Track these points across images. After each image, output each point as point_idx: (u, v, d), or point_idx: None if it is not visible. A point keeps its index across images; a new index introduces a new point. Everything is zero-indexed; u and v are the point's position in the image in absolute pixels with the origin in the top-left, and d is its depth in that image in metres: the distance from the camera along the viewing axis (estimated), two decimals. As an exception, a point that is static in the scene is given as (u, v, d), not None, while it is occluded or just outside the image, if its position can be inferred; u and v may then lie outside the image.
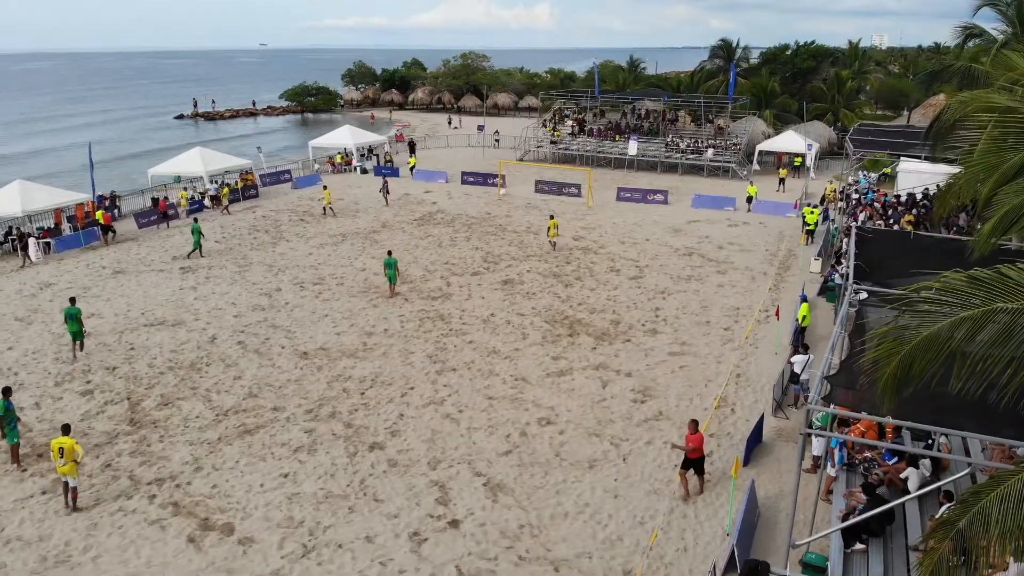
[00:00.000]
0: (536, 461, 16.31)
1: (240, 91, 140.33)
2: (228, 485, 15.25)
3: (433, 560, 13.16)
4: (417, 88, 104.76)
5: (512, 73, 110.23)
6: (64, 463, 14.01)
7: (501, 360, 21.55)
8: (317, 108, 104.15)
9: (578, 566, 13.10)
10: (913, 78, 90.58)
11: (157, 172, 41.69)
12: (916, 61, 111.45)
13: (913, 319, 7.94)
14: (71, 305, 21.31)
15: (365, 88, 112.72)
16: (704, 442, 15.29)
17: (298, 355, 21.63)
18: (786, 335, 23.01)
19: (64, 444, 14.01)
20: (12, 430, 15.68)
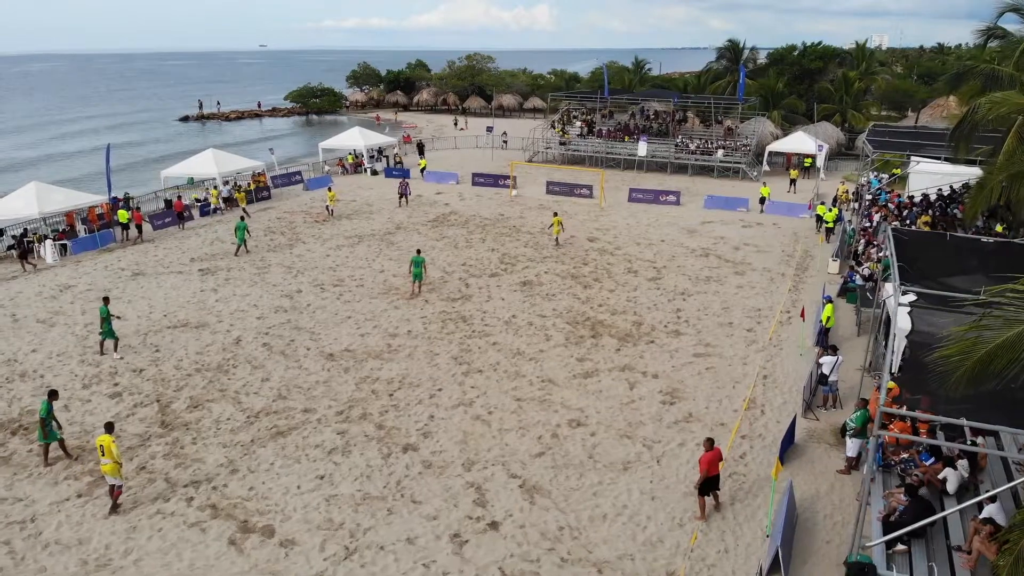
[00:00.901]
0: (570, 463, 16.30)
1: (243, 92, 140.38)
2: (265, 487, 15.25)
3: (476, 562, 13.16)
4: (422, 89, 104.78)
5: (516, 74, 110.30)
6: (107, 461, 14.01)
7: (526, 362, 21.54)
8: (322, 110, 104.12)
9: (621, 568, 13.10)
10: (917, 78, 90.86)
11: (170, 174, 41.69)
12: (919, 62, 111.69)
13: (994, 321, 7.95)
14: (104, 304, 21.34)
15: (369, 89, 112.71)
16: (720, 460, 14.47)
17: (324, 357, 21.63)
18: (810, 336, 23.04)
19: (103, 442, 14.05)
20: (50, 432, 15.72)
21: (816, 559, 13.54)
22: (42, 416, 15.67)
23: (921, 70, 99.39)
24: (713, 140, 54.63)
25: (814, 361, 20.61)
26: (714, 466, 14.15)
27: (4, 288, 27.50)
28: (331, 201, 38.34)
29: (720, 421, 18.18)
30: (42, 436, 15.78)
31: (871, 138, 33.91)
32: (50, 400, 15.94)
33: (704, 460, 14.02)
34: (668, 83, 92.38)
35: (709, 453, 14.08)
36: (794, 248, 33.86)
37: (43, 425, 15.69)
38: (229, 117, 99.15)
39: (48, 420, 15.69)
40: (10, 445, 16.82)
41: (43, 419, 15.68)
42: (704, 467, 13.99)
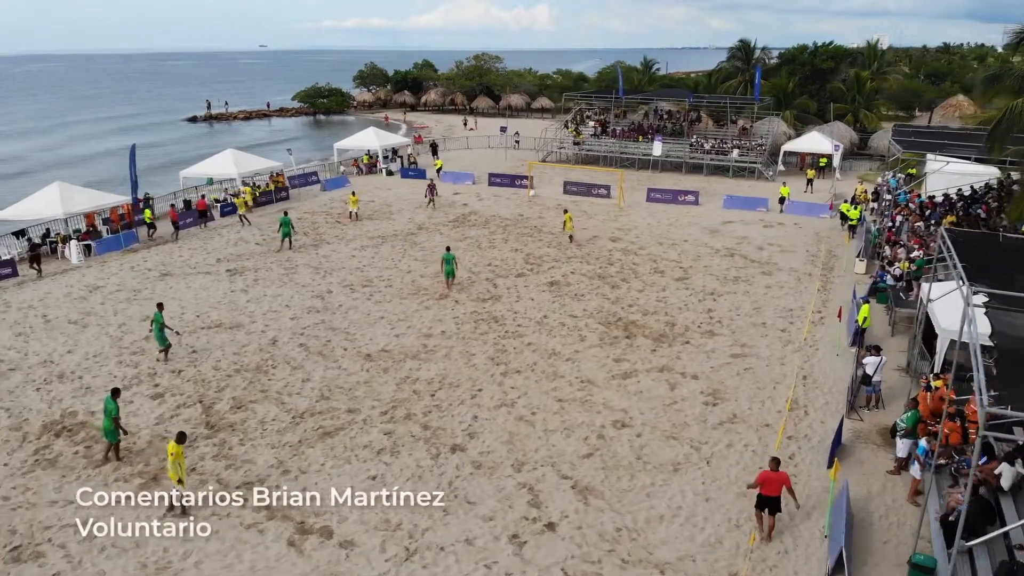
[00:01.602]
0: (619, 464, 16.28)
1: (248, 93, 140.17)
2: (318, 488, 15.20)
3: (537, 563, 13.13)
4: (429, 90, 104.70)
5: (523, 74, 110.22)
6: (172, 468, 13.96)
7: (563, 362, 21.52)
8: (329, 110, 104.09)
9: (683, 569, 13.08)
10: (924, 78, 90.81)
11: (189, 174, 41.70)
12: (925, 61, 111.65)
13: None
14: (159, 311, 21.34)
15: (376, 90, 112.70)
16: (784, 484, 13.55)
17: (362, 357, 21.61)
18: (845, 336, 23.04)
19: (171, 450, 14.03)
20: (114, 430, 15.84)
21: (876, 559, 13.51)
22: (114, 415, 15.75)
23: (928, 70, 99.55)
24: (728, 140, 54.54)
25: (854, 361, 20.63)
26: (770, 486, 13.47)
27: (32, 289, 27.47)
28: (353, 205, 38.22)
29: (764, 422, 18.15)
30: (113, 435, 15.85)
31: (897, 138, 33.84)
32: (115, 398, 16.00)
33: (760, 476, 13.63)
34: (678, 83, 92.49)
35: (769, 472, 13.54)
36: (818, 248, 33.82)
37: (116, 424, 15.81)
38: (237, 117, 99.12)
39: (118, 418, 15.81)
40: (55, 447, 16.78)
41: (116, 418, 15.78)
42: (758, 481, 13.58)
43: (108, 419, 15.80)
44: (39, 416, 18.03)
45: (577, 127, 59.18)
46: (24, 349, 21.96)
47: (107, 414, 15.79)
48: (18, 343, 22.39)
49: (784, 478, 13.52)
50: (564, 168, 51.66)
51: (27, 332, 23.22)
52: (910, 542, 13.88)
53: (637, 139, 56.54)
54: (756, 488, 13.63)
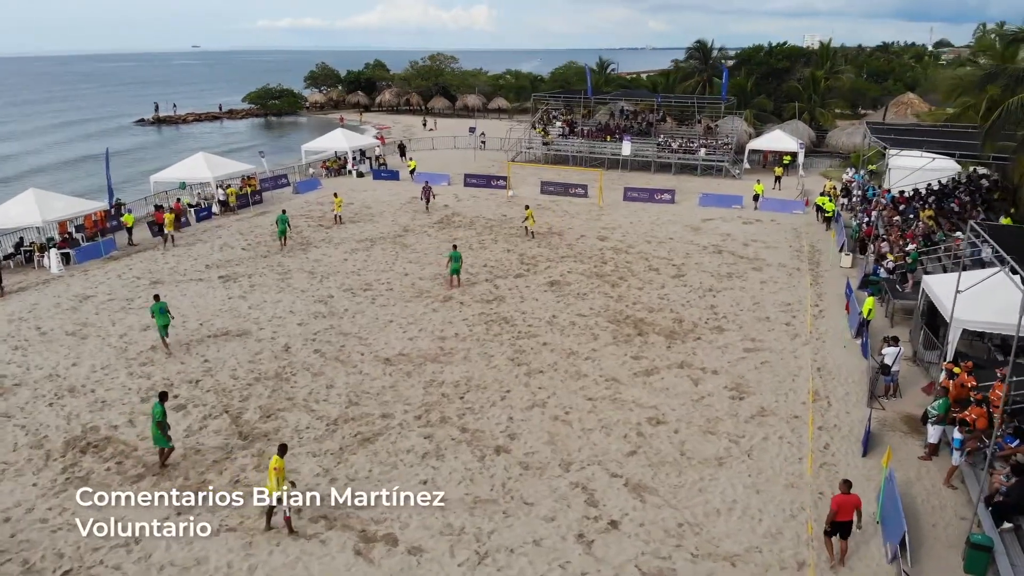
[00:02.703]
0: (664, 460, 16.47)
1: (192, 94, 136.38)
2: (370, 495, 14.94)
3: (609, 561, 13.21)
4: (384, 90, 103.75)
5: (477, 74, 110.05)
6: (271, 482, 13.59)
7: (582, 361, 21.65)
8: (281, 111, 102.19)
9: (752, 560, 13.32)
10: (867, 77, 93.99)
11: (160, 178, 40.48)
12: (867, 60, 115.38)
13: None
14: (156, 301, 21.90)
15: (327, 90, 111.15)
16: (857, 508, 12.99)
17: (381, 361, 21.35)
18: (849, 328, 23.75)
19: (274, 464, 13.60)
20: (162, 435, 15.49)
21: (929, 542, 13.99)
22: (159, 420, 15.32)
23: (869, 69, 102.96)
24: (695, 139, 55.49)
25: (860, 352, 21.30)
26: (845, 511, 12.91)
27: (17, 300, 26.32)
28: (338, 208, 37.63)
29: (793, 414, 18.59)
30: (163, 440, 15.48)
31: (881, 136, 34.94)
32: (162, 402, 15.61)
33: (834, 501, 13.07)
34: (632, 83, 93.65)
35: (842, 496, 13.00)
36: (800, 243, 34.74)
37: (162, 429, 15.39)
38: (187, 120, 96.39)
39: (165, 423, 15.39)
40: (84, 464, 16.14)
41: (160, 422, 15.34)
42: (833, 507, 12.98)
43: (154, 424, 15.38)
44: (59, 433, 17.30)
45: (545, 128, 59.39)
46: (25, 363, 21.04)
47: (153, 419, 15.38)
48: (17, 357, 21.44)
49: (857, 501, 12.99)
50: (536, 168, 51.81)
51: (24, 345, 22.24)
52: (956, 524, 14.46)
53: (605, 139, 57.07)
54: (833, 517, 12.98)
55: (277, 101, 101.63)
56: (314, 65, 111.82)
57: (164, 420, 15.46)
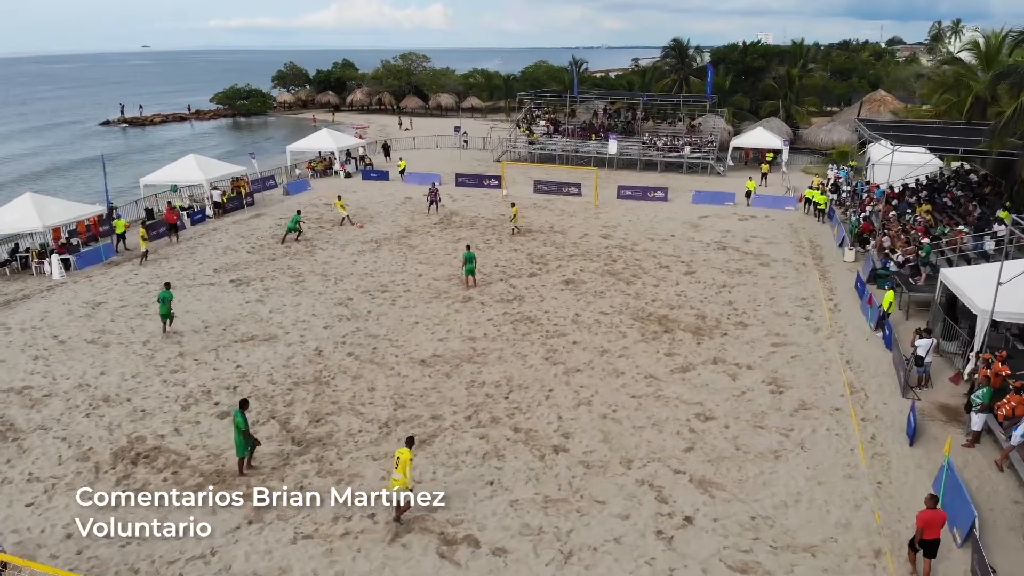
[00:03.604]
0: (721, 456, 16.67)
1: (150, 95, 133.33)
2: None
3: (693, 556, 13.35)
4: (355, 89, 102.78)
5: (447, 73, 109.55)
6: (399, 476, 13.66)
7: (616, 359, 21.78)
8: (250, 111, 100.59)
9: (830, 550, 13.58)
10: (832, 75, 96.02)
11: (150, 181, 39.60)
12: (830, 58, 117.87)
13: None
14: (165, 289, 23.05)
15: (296, 90, 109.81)
16: (942, 523, 12.63)
17: (416, 363, 21.22)
18: (868, 321, 24.31)
19: (401, 455, 13.77)
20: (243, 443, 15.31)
21: (990, 525, 14.40)
22: (243, 428, 15.10)
23: (833, 67, 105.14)
24: (680, 138, 56.09)
25: (883, 344, 21.80)
26: (933, 528, 12.50)
27: (24, 308, 25.52)
28: (342, 210, 37.15)
29: (834, 406, 18.96)
30: (242, 449, 15.29)
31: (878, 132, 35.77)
32: (243, 411, 15.35)
33: (920, 517, 12.66)
34: (603, 82, 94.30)
35: (929, 512, 12.59)
36: (800, 239, 35.40)
37: (246, 437, 15.20)
38: (154, 121, 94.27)
39: (249, 432, 15.25)
40: (138, 476, 15.76)
41: (245, 431, 15.12)
42: (920, 524, 12.61)
43: (238, 433, 15.13)
44: (104, 444, 16.85)
45: (529, 127, 59.48)
46: (49, 373, 20.43)
47: (236, 428, 15.11)
48: (40, 367, 20.81)
49: (944, 517, 12.65)
50: (526, 167, 51.89)
51: (44, 355, 21.59)
52: (1012, 508, 14.93)
53: (590, 138, 57.40)
54: (920, 535, 12.65)
55: (246, 101, 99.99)
56: (279, 64, 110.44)
57: (248, 428, 15.23)
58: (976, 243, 27.63)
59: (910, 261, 26.93)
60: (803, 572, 13.06)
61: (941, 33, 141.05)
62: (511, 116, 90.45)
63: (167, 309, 22.73)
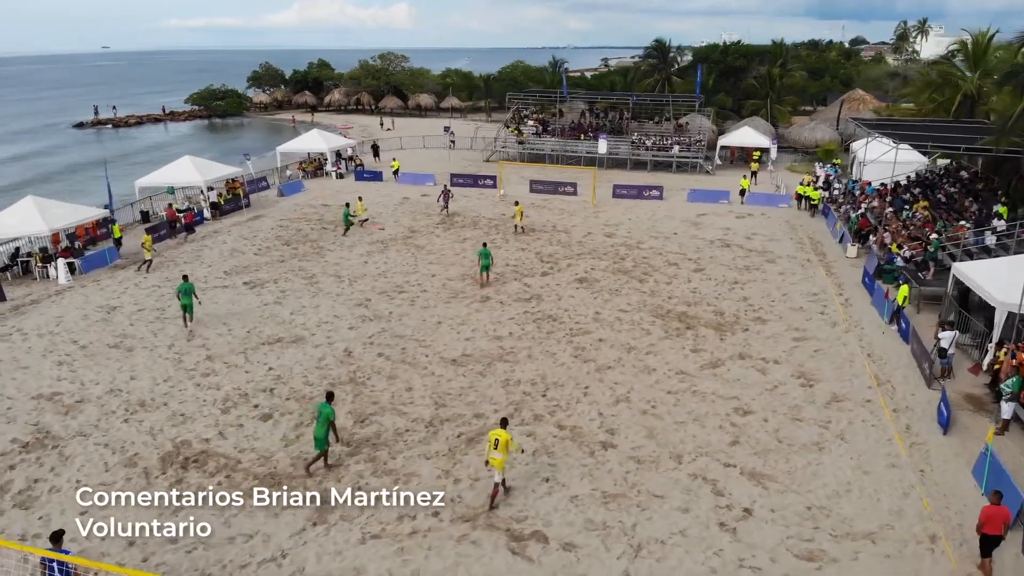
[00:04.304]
0: (767, 448, 16.99)
1: (120, 96, 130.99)
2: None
3: (760, 546, 13.63)
4: (332, 90, 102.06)
5: (424, 73, 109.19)
6: (498, 455, 14.06)
7: (644, 356, 22.04)
8: (226, 112, 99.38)
9: (888, 536, 13.96)
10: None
11: (145, 183, 39.00)
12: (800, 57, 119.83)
13: None
14: (184, 282, 23.45)
15: (272, 91, 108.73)
16: (1006, 522, 12.64)
17: (447, 362, 21.27)
18: (876, 315, 24.91)
19: (500, 437, 14.18)
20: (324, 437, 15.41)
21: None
22: (332, 419, 15.31)
23: (805, 66, 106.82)
24: (668, 137, 56.65)
25: (899, 337, 22.35)
26: (993, 524, 12.52)
27: (37, 313, 25.04)
28: (361, 211, 36.75)
29: (865, 398, 19.42)
30: (322, 444, 15.36)
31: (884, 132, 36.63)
32: (329, 402, 15.54)
33: (983, 511, 12.79)
34: (582, 81, 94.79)
35: (992, 508, 12.67)
36: (800, 235, 36.05)
37: (333, 428, 15.41)
38: (128, 122, 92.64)
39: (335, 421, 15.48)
40: (190, 480, 15.61)
41: (332, 422, 15.32)
42: (981, 518, 12.71)
43: (322, 426, 15.21)
44: (149, 449, 16.66)
45: (518, 127, 59.65)
46: (76, 378, 20.10)
47: (321, 420, 15.22)
48: (65, 372, 20.46)
49: (1007, 515, 12.62)
50: (518, 167, 52.05)
51: (67, 360, 21.23)
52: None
53: (579, 137, 57.75)
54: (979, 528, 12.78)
55: (222, 102, 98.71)
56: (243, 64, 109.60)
57: (335, 418, 15.41)
58: (977, 238, 28.40)
59: (916, 256, 27.57)
60: (866, 558, 13.39)
61: (907, 32, 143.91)
62: (492, 116, 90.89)
63: (188, 300, 22.98)
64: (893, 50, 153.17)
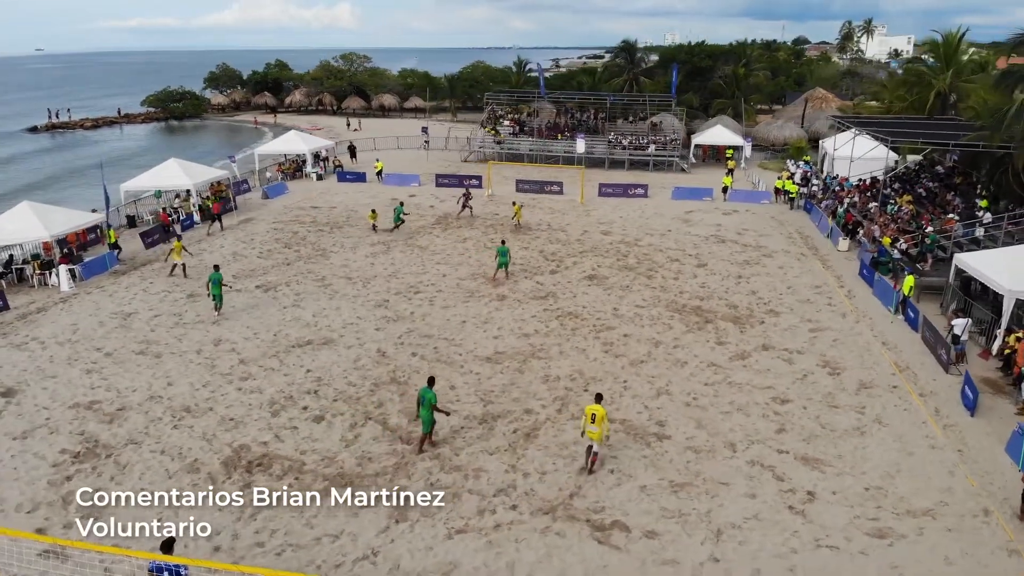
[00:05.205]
0: (812, 434, 17.65)
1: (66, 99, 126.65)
2: (572, 486, 15.31)
3: (831, 526, 14.23)
4: (293, 90, 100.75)
5: (383, 73, 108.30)
6: (595, 428, 15.12)
7: (672, 349, 22.59)
8: (184, 114, 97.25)
9: (944, 512, 14.72)
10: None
11: (131, 187, 38.15)
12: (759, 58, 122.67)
13: None
14: (215, 271, 24.50)
15: (229, 92, 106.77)
16: None
17: (482, 361, 21.49)
18: (881, 305, 25.98)
19: (597, 411, 15.25)
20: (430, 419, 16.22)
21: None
22: (434, 403, 16.01)
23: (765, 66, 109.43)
24: (644, 136, 57.59)
25: (908, 326, 23.36)
26: None
27: (49, 322, 24.38)
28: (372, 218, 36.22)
29: (892, 384, 20.30)
30: (428, 426, 16.20)
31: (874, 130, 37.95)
32: (431, 386, 16.27)
33: None
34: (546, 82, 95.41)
35: None
36: (788, 230, 37.16)
37: (436, 410, 16.17)
38: (83, 125, 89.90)
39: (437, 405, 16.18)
40: (260, 484, 15.52)
41: (435, 405, 16.02)
42: None
43: (426, 409, 15.97)
44: (208, 454, 16.50)
45: (495, 127, 59.92)
46: (111, 386, 19.71)
47: (425, 404, 15.94)
48: (97, 380, 20.04)
49: None
50: (498, 166, 52.24)
51: (96, 368, 20.78)
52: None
53: (556, 137, 58.30)
54: None
55: (179, 104, 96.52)
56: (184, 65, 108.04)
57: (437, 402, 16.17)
58: (967, 231, 29.79)
59: (911, 249, 28.76)
60: (931, 533, 14.12)
61: (852, 32, 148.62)
62: (457, 116, 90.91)
63: (219, 290, 24.00)
64: (839, 49, 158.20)
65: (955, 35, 42.96)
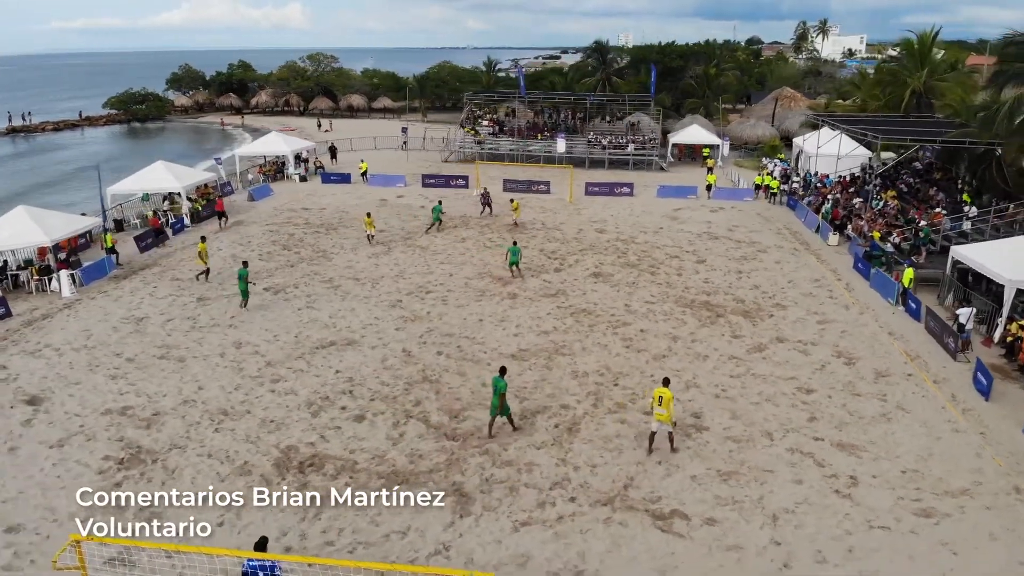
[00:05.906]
0: (843, 422, 18.28)
1: (21, 102, 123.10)
2: (624, 477, 15.65)
3: (879, 508, 14.81)
4: (259, 91, 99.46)
5: (348, 73, 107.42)
6: (663, 411, 15.84)
7: (691, 344, 23.11)
8: (146, 116, 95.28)
9: (981, 491, 15.43)
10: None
11: (118, 190, 37.44)
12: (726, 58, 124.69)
13: None
14: (243, 267, 25.34)
15: (192, 93, 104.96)
16: None
17: (508, 358, 21.67)
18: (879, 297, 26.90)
19: (664, 394, 15.93)
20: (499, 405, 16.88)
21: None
22: (503, 392, 16.66)
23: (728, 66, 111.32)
24: (623, 136, 58.33)
25: (910, 316, 24.25)
26: None
27: (58, 328, 23.89)
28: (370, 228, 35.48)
29: (906, 372, 21.11)
30: (496, 410, 16.84)
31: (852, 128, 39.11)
32: (502, 376, 16.89)
33: None
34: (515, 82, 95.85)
35: None
36: (777, 226, 38.11)
37: (503, 399, 16.73)
38: (45, 129, 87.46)
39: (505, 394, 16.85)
40: (316, 484, 15.55)
41: (503, 393, 16.66)
42: None
43: (497, 396, 16.67)
44: (257, 456, 16.46)
45: (474, 127, 60.07)
46: (140, 391, 19.46)
47: (497, 391, 16.65)
48: (124, 386, 19.76)
49: None
50: (483, 166, 52.35)
51: (120, 374, 20.47)
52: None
53: (536, 137, 58.71)
54: None
55: (142, 106, 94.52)
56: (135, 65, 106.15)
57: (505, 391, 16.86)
58: (955, 224, 30.96)
59: (904, 243, 29.80)
60: (971, 511, 14.81)
61: (807, 32, 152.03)
62: (427, 116, 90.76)
63: (245, 286, 24.74)
64: (794, 49, 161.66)
65: (929, 35, 44.49)
